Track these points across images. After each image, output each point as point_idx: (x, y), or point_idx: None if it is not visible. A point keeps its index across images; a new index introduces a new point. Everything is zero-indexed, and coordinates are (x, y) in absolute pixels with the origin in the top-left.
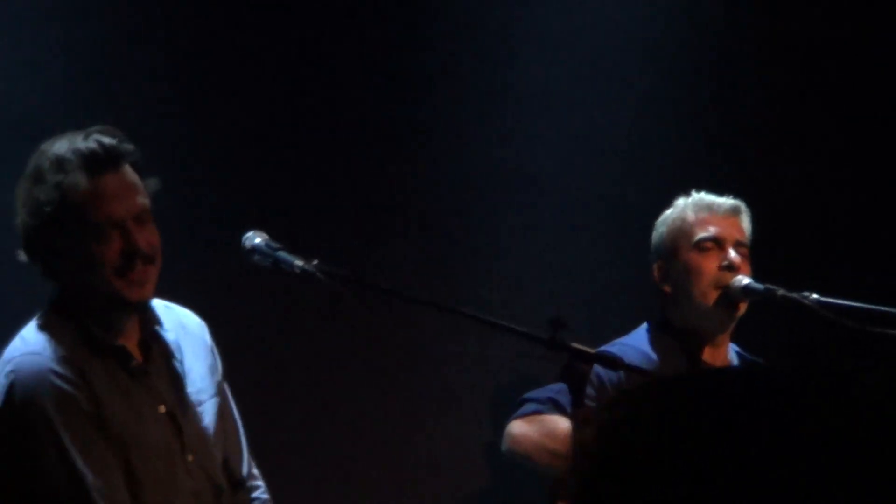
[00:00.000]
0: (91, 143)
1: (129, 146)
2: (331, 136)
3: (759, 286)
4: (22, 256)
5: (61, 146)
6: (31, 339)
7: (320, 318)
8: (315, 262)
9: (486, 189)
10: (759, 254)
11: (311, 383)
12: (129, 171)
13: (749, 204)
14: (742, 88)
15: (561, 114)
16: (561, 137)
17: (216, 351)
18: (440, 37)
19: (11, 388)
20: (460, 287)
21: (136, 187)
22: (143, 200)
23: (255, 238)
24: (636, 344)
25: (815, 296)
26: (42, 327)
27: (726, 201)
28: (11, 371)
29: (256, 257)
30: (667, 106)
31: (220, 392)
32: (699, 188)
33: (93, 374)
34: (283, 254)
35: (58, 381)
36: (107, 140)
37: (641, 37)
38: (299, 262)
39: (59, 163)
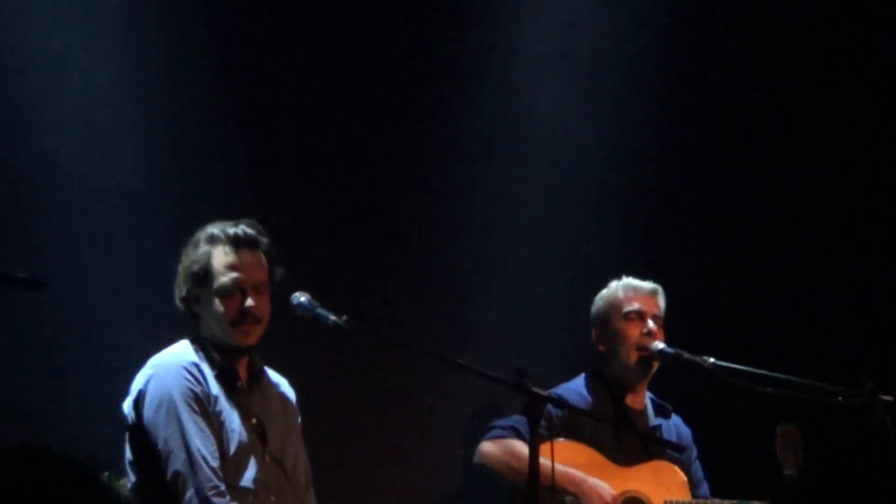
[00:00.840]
0: (237, 228)
1: (265, 239)
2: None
3: (671, 350)
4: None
5: (216, 227)
6: (173, 350)
7: (347, 364)
8: (344, 317)
9: (473, 269)
10: (672, 325)
11: (338, 411)
12: (260, 254)
13: (664, 284)
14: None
15: (529, 207)
16: (532, 229)
17: (297, 404)
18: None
19: (150, 377)
20: (443, 338)
21: (262, 266)
22: (263, 276)
23: (301, 297)
24: (576, 388)
25: (711, 359)
26: (182, 345)
27: (648, 284)
28: (155, 365)
29: (300, 312)
30: (608, 202)
31: (297, 433)
32: (628, 273)
33: (210, 381)
34: (320, 310)
35: (185, 375)
36: (250, 230)
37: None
38: (332, 317)
39: (211, 237)
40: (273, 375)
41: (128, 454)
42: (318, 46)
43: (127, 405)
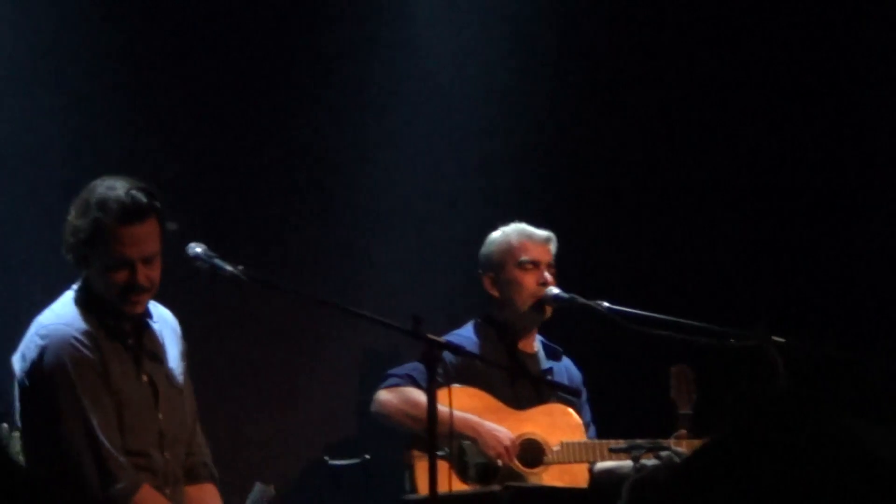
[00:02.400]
0: (128, 198)
1: (157, 203)
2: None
3: (566, 295)
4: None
5: (107, 191)
6: (61, 313)
7: (244, 311)
8: (241, 267)
9: (366, 216)
10: (563, 270)
11: (234, 358)
12: (150, 223)
13: (554, 227)
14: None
15: (420, 153)
16: (419, 178)
17: (184, 342)
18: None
19: (44, 349)
20: (340, 286)
21: (151, 237)
22: (154, 247)
23: (197, 248)
24: (467, 334)
25: (605, 303)
26: (70, 305)
27: (542, 232)
28: (45, 336)
29: (197, 263)
30: (497, 148)
31: (185, 372)
32: (519, 217)
33: (103, 346)
34: (217, 260)
35: (79, 346)
36: (141, 197)
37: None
38: (229, 267)
39: (101, 204)
40: (157, 313)
41: (18, 411)
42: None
43: (18, 366)
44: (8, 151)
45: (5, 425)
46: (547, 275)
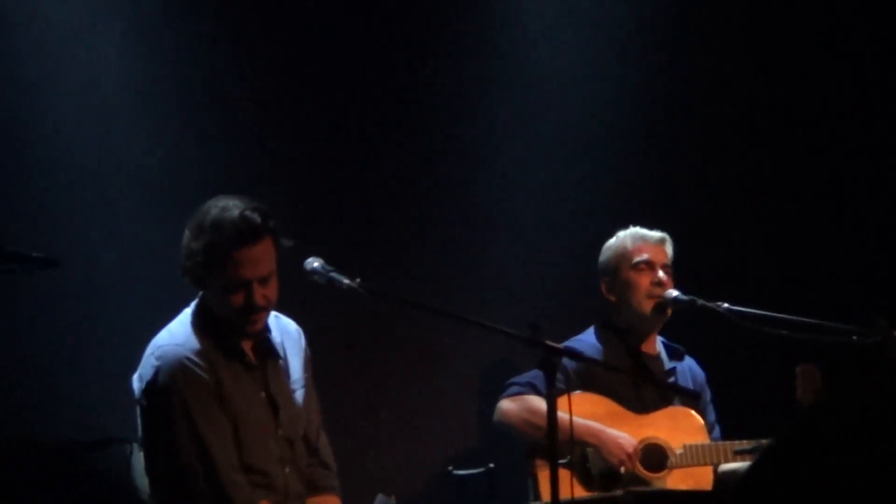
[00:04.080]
0: (242, 220)
1: (272, 223)
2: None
3: (685, 297)
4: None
5: (221, 212)
6: (176, 333)
7: (364, 323)
8: (358, 280)
9: (483, 226)
10: (681, 272)
11: (355, 370)
12: (265, 243)
13: (673, 232)
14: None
15: (536, 161)
16: (536, 185)
17: (308, 351)
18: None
19: (158, 370)
20: (456, 296)
21: (266, 257)
22: (269, 267)
23: (314, 262)
24: (588, 340)
25: (725, 304)
26: (186, 325)
27: (656, 233)
28: (159, 357)
29: (315, 277)
30: (613, 156)
31: (307, 382)
32: (635, 222)
33: (218, 365)
34: (334, 274)
35: (191, 366)
36: (256, 218)
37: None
38: (346, 280)
39: (215, 226)
40: (279, 325)
41: (140, 430)
42: (317, 14)
43: (135, 386)
44: (129, 173)
45: (133, 445)
46: (661, 274)
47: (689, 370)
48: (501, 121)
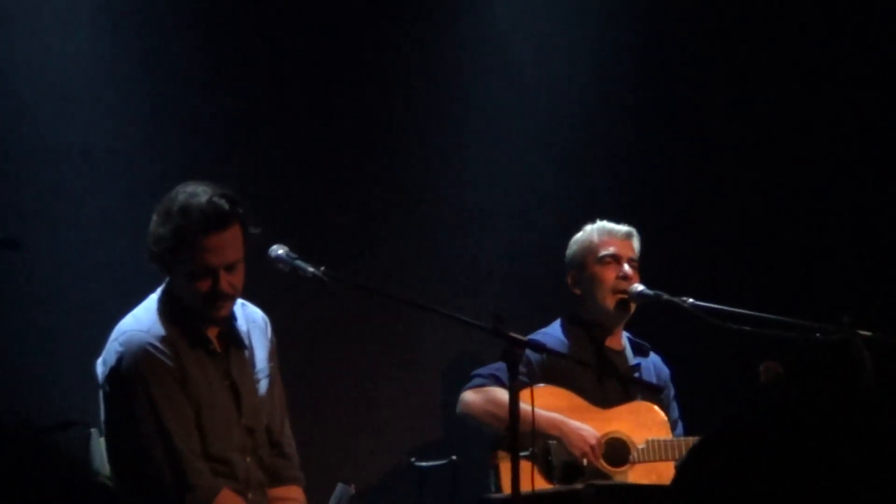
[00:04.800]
0: (210, 206)
1: (240, 210)
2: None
3: (650, 292)
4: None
5: (189, 198)
6: (141, 319)
7: (328, 311)
8: (322, 268)
9: (449, 217)
10: (646, 266)
11: (318, 358)
12: (233, 230)
13: (640, 227)
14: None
15: (503, 153)
16: (503, 176)
17: (274, 340)
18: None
19: (121, 356)
20: (421, 286)
21: (234, 244)
22: (236, 254)
23: (279, 250)
24: (554, 333)
25: (690, 300)
26: (151, 311)
27: (622, 227)
28: (123, 342)
29: (279, 265)
30: (583, 149)
31: (272, 372)
32: (602, 216)
33: (182, 351)
34: (299, 262)
35: (154, 353)
36: (223, 205)
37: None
38: (311, 268)
39: (183, 211)
40: (245, 313)
41: (102, 415)
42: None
43: (99, 371)
44: (93, 157)
45: (94, 430)
46: (627, 268)
47: (653, 366)
48: (471, 113)
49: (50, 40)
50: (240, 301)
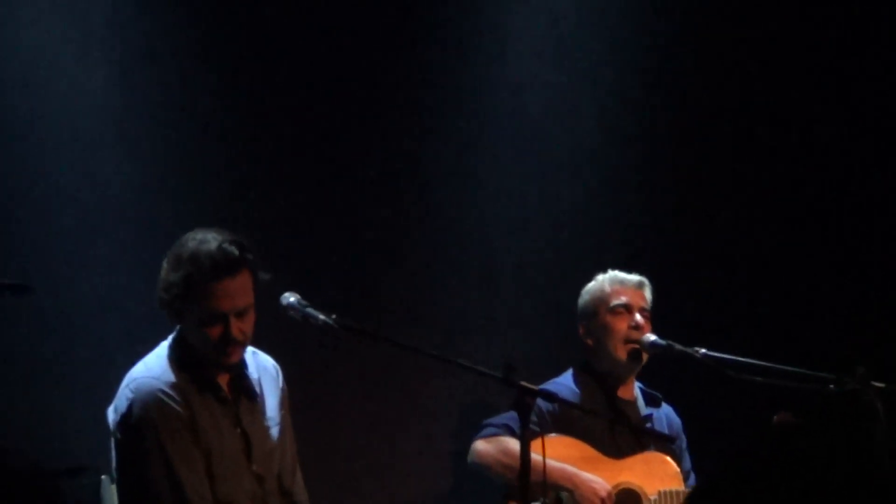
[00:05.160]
0: (220, 252)
1: (250, 256)
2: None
3: (662, 342)
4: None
5: (199, 245)
6: (152, 366)
7: (338, 359)
8: (333, 316)
9: (462, 266)
10: (659, 317)
11: (329, 407)
12: (243, 276)
13: (652, 277)
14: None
15: (515, 202)
16: (516, 226)
17: (285, 388)
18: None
19: (132, 403)
20: (432, 335)
21: (244, 290)
22: (247, 300)
23: (290, 297)
24: (566, 382)
25: (702, 350)
26: (162, 358)
27: (634, 277)
28: (134, 389)
29: (291, 313)
30: (594, 196)
31: (283, 420)
32: (614, 266)
33: (192, 399)
34: (310, 310)
35: (165, 400)
36: (233, 251)
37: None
38: (322, 316)
39: (193, 259)
40: (256, 362)
41: (113, 462)
42: (305, 43)
43: (111, 418)
44: (105, 200)
45: (105, 477)
46: (639, 318)
47: (665, 417)
48: (482, 159)
49: (64, 87)
50: (251, 349)
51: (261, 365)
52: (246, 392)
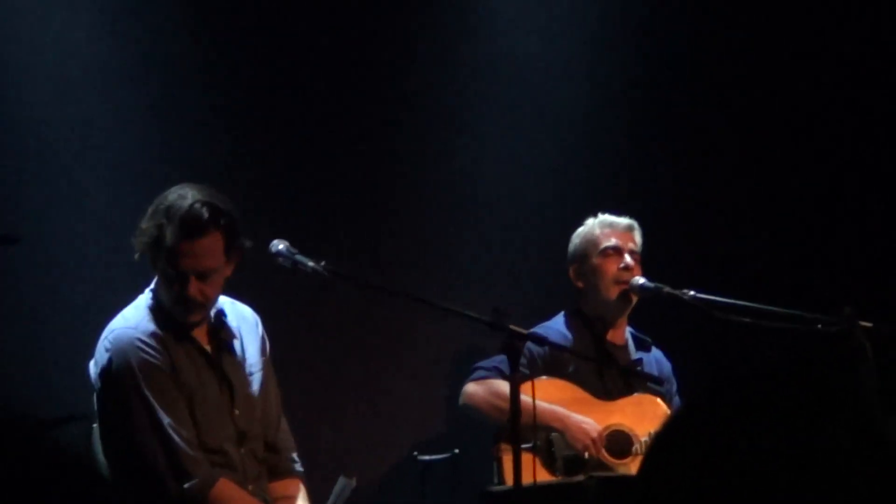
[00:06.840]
0: (189, 213)
1: (222, 220)
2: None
3: (651, 284)
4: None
5: (176, 200)
6: (129, 317)
7: (328, 306)
8: (323, 262)
9: (451, 211)
10: (649, 260)
11: (319, 353)
12: (210, 239)
13: (641, 221)
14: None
15: (504, 147)
16: (505, 170)
17: (265, 337)
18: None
19: (111, 354)
20: (422, 280)
21: (210, 253)
22: (211, 263)
23: (279, 245)
24: (556, 326)
25: (691, 292)
26: (140, 308)
27: (624, 220)
28: (112, 340)
29: (280, 260)
30: (584, 142)
31: (265, 367)
32: (605, 210)
33: (171, 347)
34: (299, 257)
35: (144, 348)
36: (203, 213)
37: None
38: (311, 263)
39: (166, 213)
40: (235, 311)
41: (98, 415)
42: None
43: (91, 371)
44: (93, 154)
45: (96, 426)
46: (629, 259)
47: (655, 361)
48: (471, 107)
49: (49, 39)
50: (229, 299)
51: (239, 314)
52: (226, 340)
